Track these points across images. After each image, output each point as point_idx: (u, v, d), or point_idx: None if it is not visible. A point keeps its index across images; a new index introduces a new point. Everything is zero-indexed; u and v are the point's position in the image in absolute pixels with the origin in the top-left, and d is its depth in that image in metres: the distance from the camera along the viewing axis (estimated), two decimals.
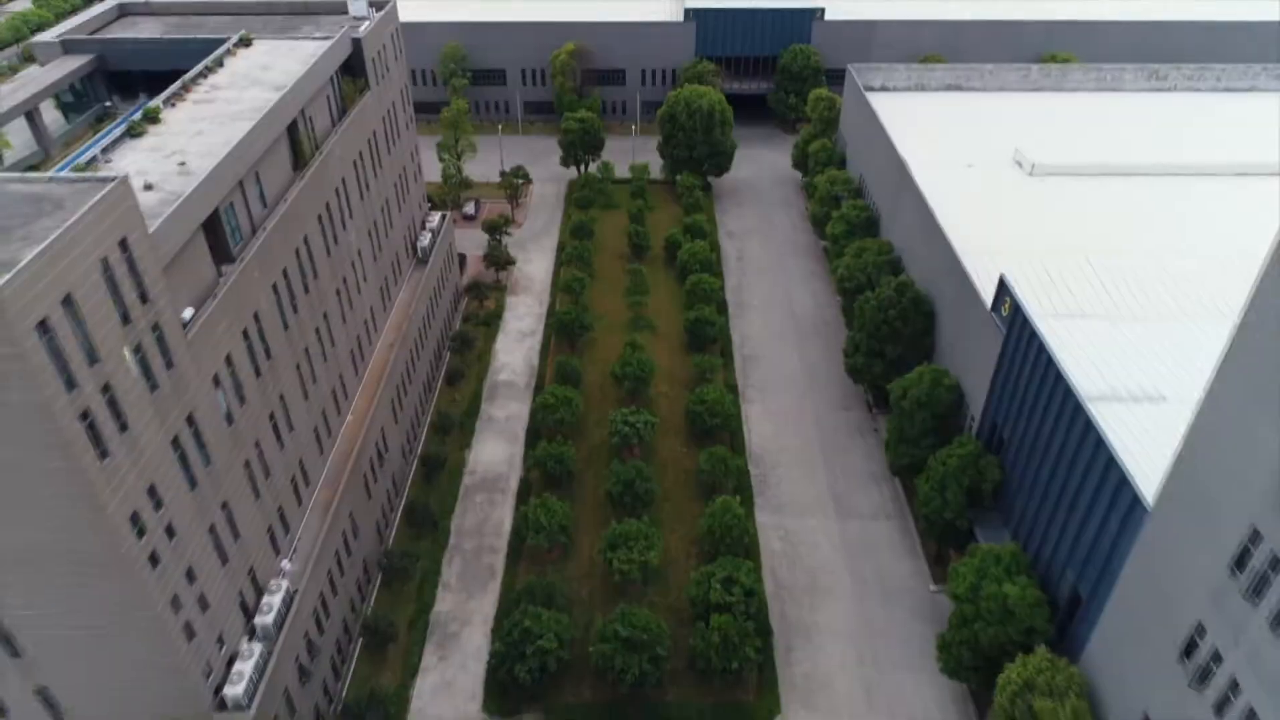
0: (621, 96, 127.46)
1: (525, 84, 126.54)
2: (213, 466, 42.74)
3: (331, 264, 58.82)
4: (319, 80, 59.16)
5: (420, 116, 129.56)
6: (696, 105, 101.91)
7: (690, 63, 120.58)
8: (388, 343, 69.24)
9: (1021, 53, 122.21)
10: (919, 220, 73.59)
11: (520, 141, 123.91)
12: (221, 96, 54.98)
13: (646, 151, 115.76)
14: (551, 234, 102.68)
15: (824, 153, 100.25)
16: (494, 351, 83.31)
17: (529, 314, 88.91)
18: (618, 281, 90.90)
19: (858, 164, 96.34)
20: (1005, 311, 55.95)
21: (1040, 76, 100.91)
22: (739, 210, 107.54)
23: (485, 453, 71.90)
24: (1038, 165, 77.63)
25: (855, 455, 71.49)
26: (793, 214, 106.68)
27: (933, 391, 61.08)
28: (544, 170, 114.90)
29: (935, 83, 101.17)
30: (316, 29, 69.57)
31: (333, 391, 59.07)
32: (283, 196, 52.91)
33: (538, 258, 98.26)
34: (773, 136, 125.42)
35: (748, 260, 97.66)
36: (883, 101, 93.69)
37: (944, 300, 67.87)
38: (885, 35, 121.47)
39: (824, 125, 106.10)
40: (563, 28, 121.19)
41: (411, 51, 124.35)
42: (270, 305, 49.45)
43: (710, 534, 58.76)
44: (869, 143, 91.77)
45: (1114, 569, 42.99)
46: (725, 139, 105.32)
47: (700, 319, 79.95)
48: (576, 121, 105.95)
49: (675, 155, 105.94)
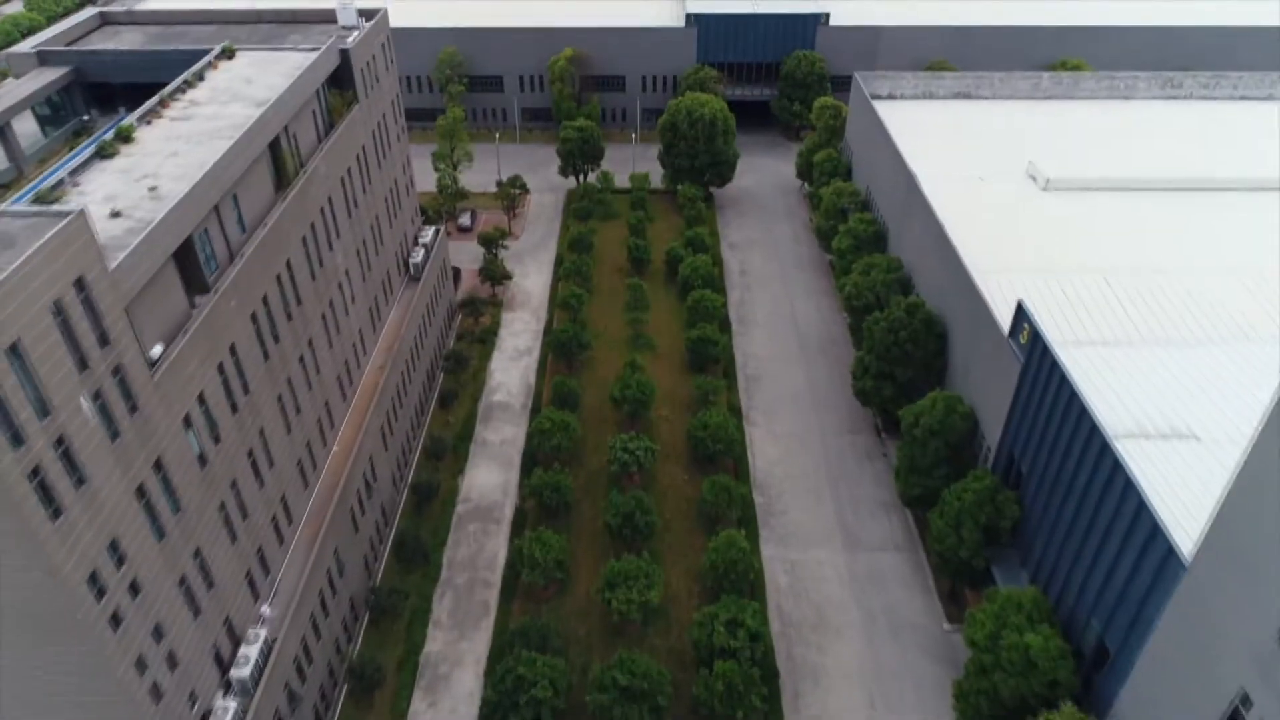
0: (621, 103, 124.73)
1: (523, 90, 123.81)
2: (183, 513, 40.05)
3: (317, 288, 56.12)
4: (304, 94, 56.47)
5: (415, 124, 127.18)
6: (698, 114, 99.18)
7: (692, 69, 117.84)
8: (377, 365, 66.55)
9: (1031, 58, 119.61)
10: (929, 236, 70.88)
11: (518, 150, 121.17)
12: (200, 113, 52.29)
13: (647, 160, 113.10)
14: (549, 246, 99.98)
15: (829, 163, 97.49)
16: (489, 371, 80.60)
17: (525, 330, 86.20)
18: (617, 296, 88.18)
19: (864, 174, 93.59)
20: (1024, 339, 53.21)
21: (1051, 84, 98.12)
22: (741, 221, 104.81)
23: (479, 479, 69.19)
24: (1052, 180, 74.86)
25: (864, 482, 68.77)
26: (796, 225, 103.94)
27: (946, 420, 58.37)
28: (542, 179, 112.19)
29: (944, 91, 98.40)
30: (303, 39, 66.92)
31: (318, 421, 56.38)
32: (264, 220, 50.20)
33: (535, 271, 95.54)
34: (776, 144, 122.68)
35: (751, 273, 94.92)
36: (890, 110, 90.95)
37: (957, 321, 65.15)
38: (891, 41, 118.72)
39: (829, 134, 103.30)
40: (561, 33, 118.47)
41: (407, 57, 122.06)
42: (249, 336, 46.75)
43: (713, 570, 56.08)
44: (876, 153, 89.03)
45: (1146, 622, 40.28)
46: (727, 148, 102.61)
47: (702, 338, 77.23)
48: (575, 130, 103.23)
49: (676, 165, 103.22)
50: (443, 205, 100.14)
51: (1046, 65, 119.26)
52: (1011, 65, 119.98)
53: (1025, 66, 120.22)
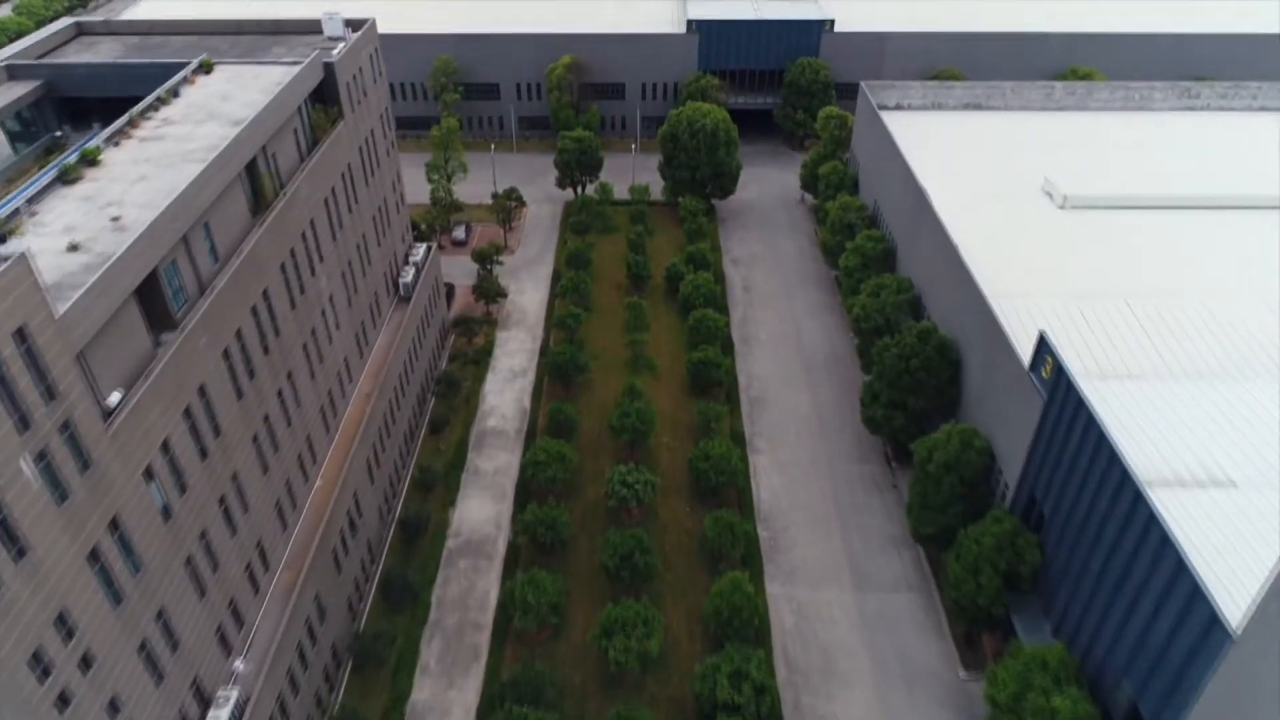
0: (621, 111, 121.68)
1: (520, 98, 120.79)
2: (144, 573, 37.02)
3: (297, 317, 53.09)
4: (285, 112, 53.46)
5: (410, 132, 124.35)
6: (699, 125, 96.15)
7: (693, 76, 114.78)
8: (364, 393, 63.52)
9: (1041, 66, 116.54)
10: (941, 257, 67.83)
11: (515, 159, 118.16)
12: (173, 133, 49.28)
13: (647, 170, 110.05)
14: (546, 261, 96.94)
15: (835, 175, 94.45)
16: (482, 394, 77.55)
17: (521, 350, 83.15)
18: (616, 315, 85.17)
19: (871, 188, 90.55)
20: (1046, 373, 50.16)
21: (1065, 95, 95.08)
22: (744, 234, 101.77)
23: (471, 512, 66.15)
24: (1069, 197, 71.81)
25: (874, 515, 65.73)
26: (801, 239, 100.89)
27: (962, 455, 55.34)
28: (539, 190, 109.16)
29: (953, 101, 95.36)
30: (287, 51, 63.97)
31: (299, 458, 53.35)
32: (239, 248, 47.17)
33: (531, 287, 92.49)
34: (779, 153, 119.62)
35: (754, 290, 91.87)
36: (898, 121, 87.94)
37: (972, 348, 62.09)
38: (897, 48, 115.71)
39: (834, 145, 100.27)
40: (559, 39, 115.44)
41: (400, 64, 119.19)
42: (221, 375, 43.72)
43: (716, 615, 53.05)
44: (884, 166, 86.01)
45: (1186, 692, 37.25)
46: (730, 160, 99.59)
47: (704, 361, 74.21)
48: (573, 141, 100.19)
49: (677, 177, 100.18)
50: (436, 219, 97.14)
51: (1057, 73, 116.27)
52: (1021, 72, 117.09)
53: (1035, 74, 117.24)
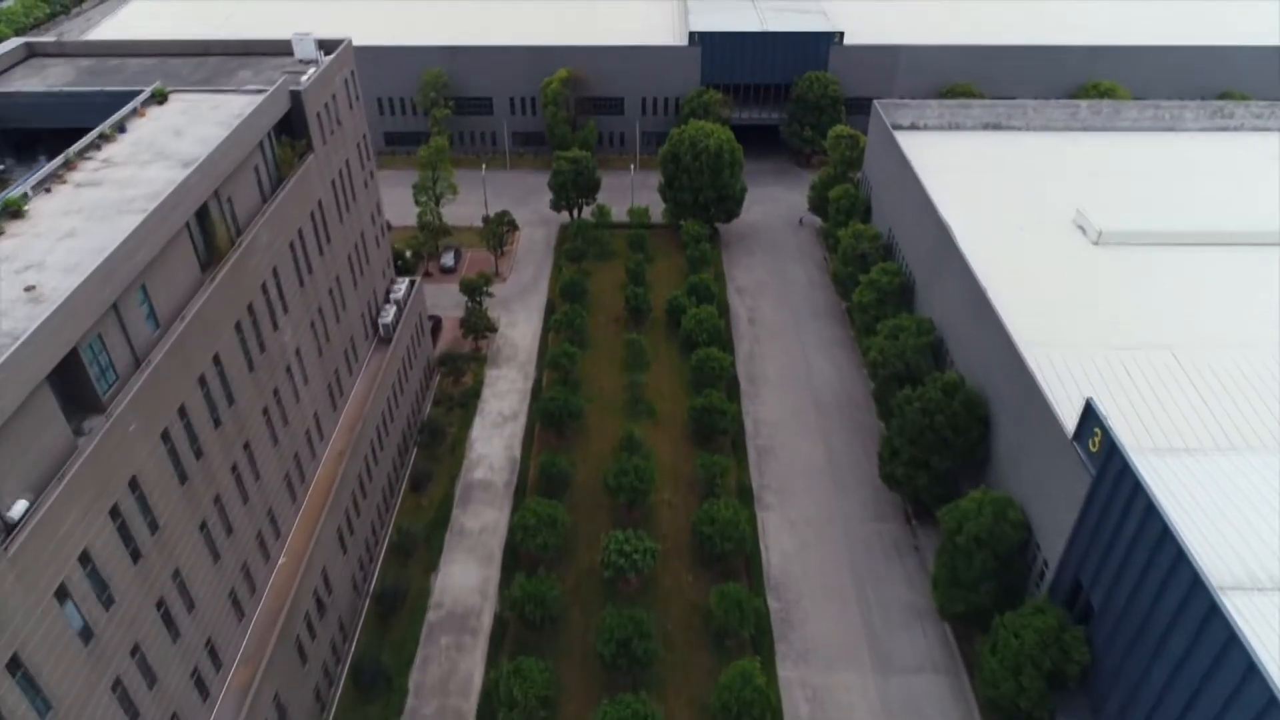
0: (620, 127, 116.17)
1: (514, 113, 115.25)
2: (56, 712, 31.56)
3: (256, 380, 47.61)
4: (243, 149, 48.00)
5: (399, 149, 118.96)
6: (702, 145, 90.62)
7: (695, 91, 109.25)
8: (337, 451, 58.02)
9: (1061, 80, 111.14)
10: (967, 299, 62.35)
11: (508, 177, 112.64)
12: (113, 176, 43.88)
13: (647, 189, 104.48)
14: (540, 289, 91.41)
15: (846, 200, 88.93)
16: (469, 441, 72.02)
17: (511, 390, 77.65)
18: (614, 351, 79.72)
19: (886, 215, 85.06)
20: (1094, 447, 44.67)
21: (1090, 114, 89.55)
22: (749, 261, 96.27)
23: (454, 578, 60.67)
24: (1105, 233, 66.31)
25: (894, 582, 60.25)
26: (809, 265, 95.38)
27: (995, 528, 49.89)
28: (533, 211, 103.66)
29: (972, 121, 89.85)
30: (253, 76, 58.59)
31: (258, 536, 47.88)
32: (184, 310, 41.69)
33: (524, 319, 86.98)
34: (785, 171, 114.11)
35: (761, 323, 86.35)
36: (913, 142, 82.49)
37: (1003, 405, 56.59)
38: (910, 61, 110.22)
39: (845, 165, 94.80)
40: (555, 52, 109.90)
41: (388, 78, 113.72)
42: (159, 461, 38.23)
43: (725, 710, 47.59)
44: (899, 192, 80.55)
45: None
46: (735, 182, 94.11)
47: (709, 407, 68.70)
48: (568, 161, 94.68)
49: (678, 200, 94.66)
50: (423, 244, 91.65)
51: (1077, 87, 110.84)
52: (1039, 87, 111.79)
53: (1054, 88, 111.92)
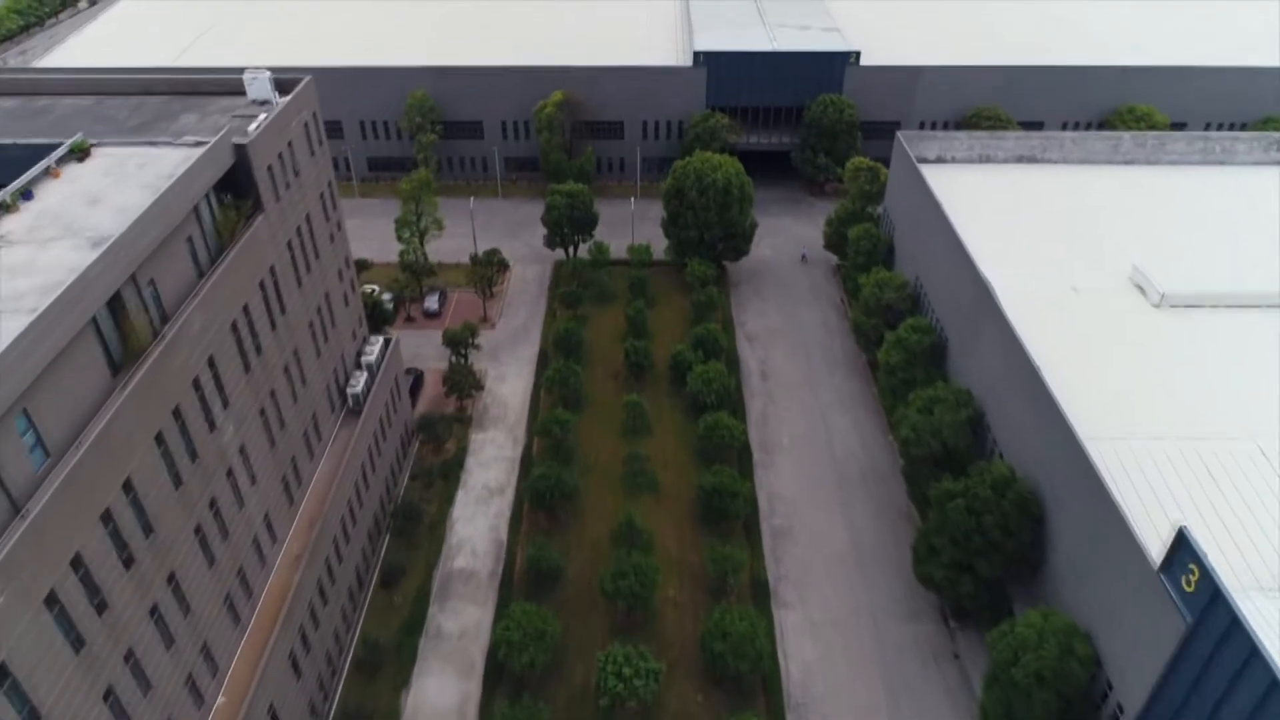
0: (619, 153, 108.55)
1: (506, 138, 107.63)
2: None
3: (185, 497, 40.01)
4: (172, 218, 40.52)
5: (383, 175, 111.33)
6: (709, 180, 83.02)
7: (700, 116, 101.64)
8: (292, 555, 50.39)
9: (1093, 102, 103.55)
10: (1014, 373, 54.76)
11: (499, 207, 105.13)
12: (5, 261, 36.34)
13: (649, 221, 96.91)
14: (532, 337, 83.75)
15: (867, 240, 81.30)
16: (450, 521, 64.41)
17: (499, 458, 70.02)
18: (612, 413, 72.16)
19: (912, 259, 77.46)
20: (1189, 587, 37.05)
21: (1134, 147, 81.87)
22: (760, 303, 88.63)
23: (429, 695, 53.03)
24: (1167, 295, 58.66)
25: (931, 698, 52.66)
26: (825, 307, 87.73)
27: (1061, 665, 42.30)
28: (526, 245, 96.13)
29: (1004, 153, 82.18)
30: (199, 120, 51.12)
31: (188, 680, 40.26)
32: (84, 431, 34.08)
33: (514, 372, 79.35)
34: (797, 201, 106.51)
35: (774, 376, 78.72)
36: (941, 178, 74.92)
37: (1060, 502, 49.01)
38: (931, 83, 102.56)
39: (864, 200, 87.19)
40: (550, 73, 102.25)
41: (371, 100, 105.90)
42: (39, 633, 30.64)
43: None
44: (928, 235, 73.01)
45: None
46: (744, 219, 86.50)
47: (719, 488, 61.09)
48: (563, 196, 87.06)
49: (682, 237, 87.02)
50: (405, 287, 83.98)
51: (1110, 110, 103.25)
52: (1070, 110, 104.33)
53: (1085, 111, 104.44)
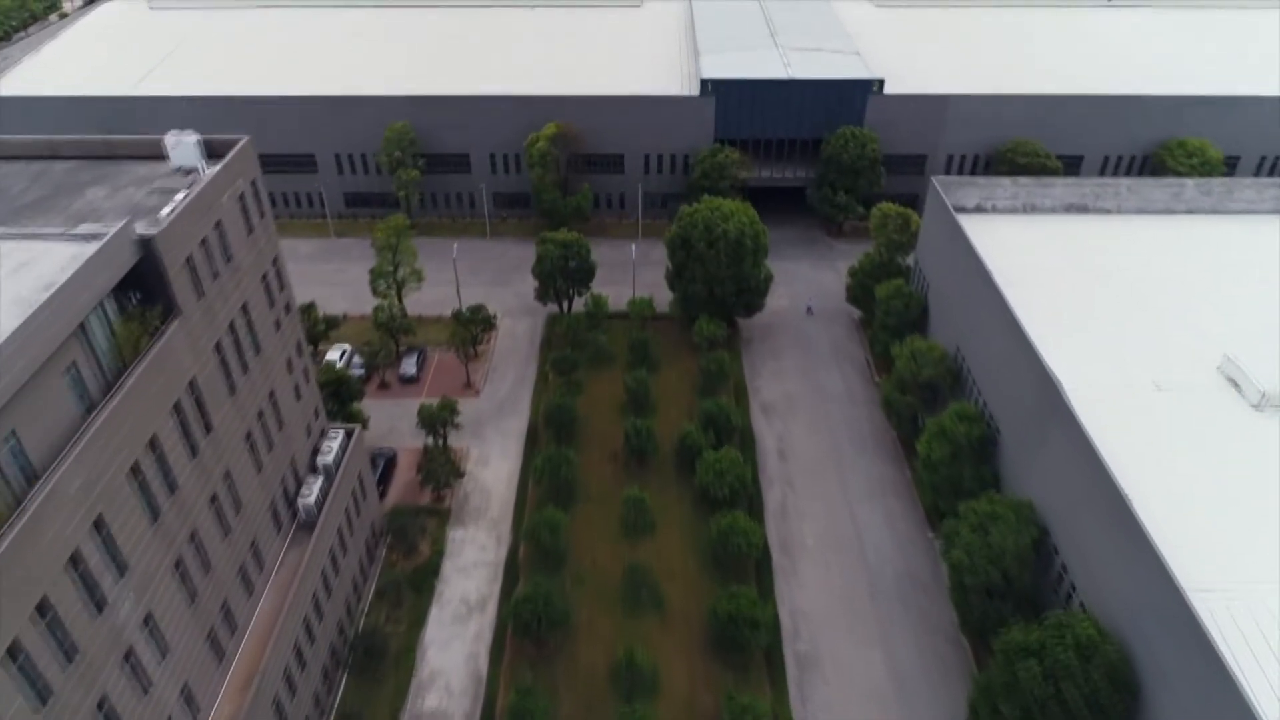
0: (619, 188, 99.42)
1: (495, 172, 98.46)
2: None
3: (63, 704, 30.83)
4: (42, 348, 31.38)
5: (360, 212, 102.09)
6: (719, 231, 73.88)
7: (708, 151, 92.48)
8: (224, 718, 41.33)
9: (1139, 135, 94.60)
10: (1094, 499, 45.69)
11: (487, 249, 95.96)
12: None
13: (651, 265, 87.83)
14: (520, 407, 74.53)
15: (899, 300, 72.20)
16: (421, 647, 55.16)
17: (480, 563, 60.86)
18: (610, 505, 63.09)
19: (949, 324, 68.40)
20: None
21: (1199, 195, 72.75)
22: (776, 364, 79.45)
23: None
24: (1270, 395, 49.47)
25: None
26: (848, 370, 78.53)
27: None
28: (515, 294, 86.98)
29: (1052, 202, 73.07)
30: (107, 197, 42.03)
31: None
32: None
33: (498, 451, 70.17)
34: (813, 242, 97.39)
35: (794, 456, 69.56)
36: (982, 231, 66.11)
37: (1159, 669, 39.91)
38: (962, 113, 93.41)
39: (891, 250, 78.14)
40: (543, 103, 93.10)
41: (347, 131, 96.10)
42: None
43: None
44: (970, 300, 64.01)
45: None
46: (757, 271, 77.34)
47: (736, 614, 51.90)
48: (556, 245, 77.94)
49: (689, 293, 77.84)
50: (380, 350, 74.73)
51: (1158, 144, 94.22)
52: (1113, 144, 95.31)
53: (1130, 145, 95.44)
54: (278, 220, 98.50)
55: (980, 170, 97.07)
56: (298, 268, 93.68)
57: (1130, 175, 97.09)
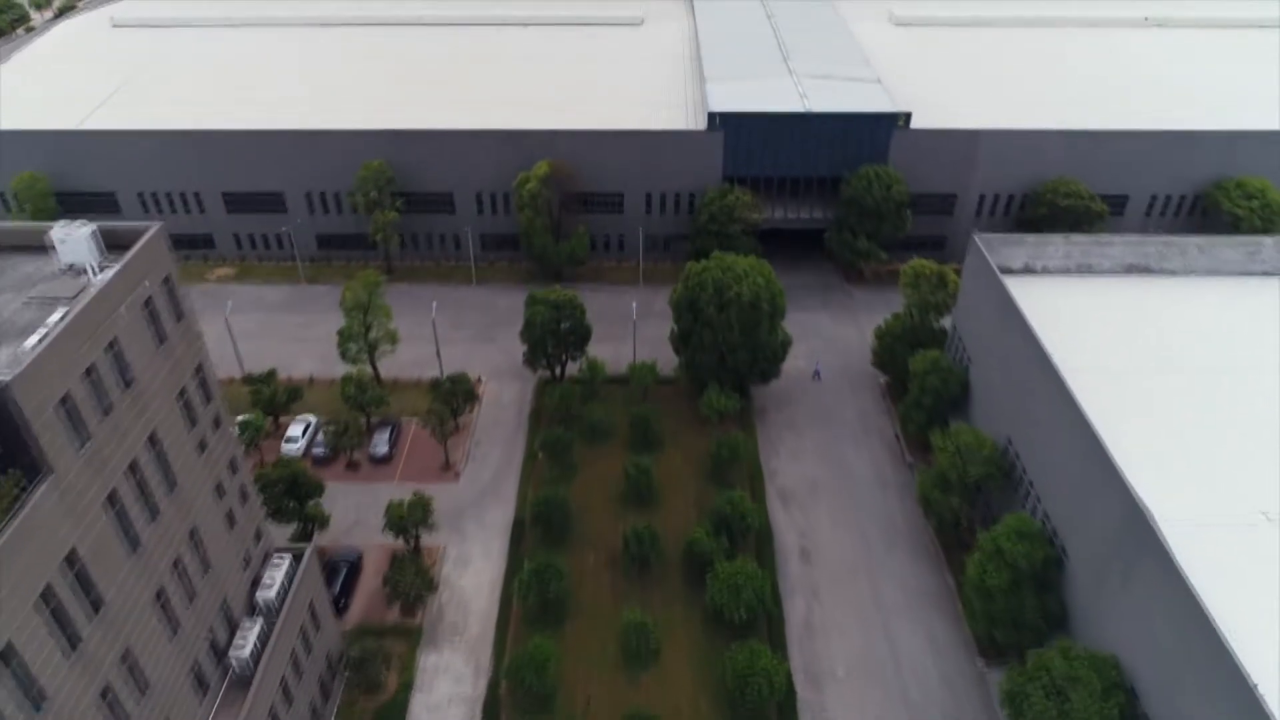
0: (618, 229, 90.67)
1: (482, 212, 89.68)
2: None
3: None
4: None
5: (335, 255, 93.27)
6: (732, 294, 65.10)
7: (715, 192, 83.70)
8: None
9: (1190, 174, 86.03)
10: (1202, 666, 37.01)
11: (473, 298, 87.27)
12: None
13: (654, 318, 79.40)
14: (505, 494, 65.66)
15: (935, 377, 63.42)
16: None
17: (455, 700, 51.89)
18: (606, 625, 54.38)
19: (997, 408, 59.70)
20: None
21: (1277, 253, 64.09)
22: (794, 439, 70.67)
23: None
24: None
25: None
26: (877, 448, 69.74)
27: None
28: (503, 352, 78.28)
29: (1110, 262, 64.40)
30: None
31: None
32: None
33: (480, 549, 61.32)
34: (831, 289, 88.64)
35: (819, 557, 60.76)
36: (1032, 296, 57.90)
37: None
38: (995, 150, 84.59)
39: (924, 310, 69.44)
40: (534, 138, 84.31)
41: (318, 167, 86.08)
42: None
43: None
44: (1024, 384, 55.44)
45: None
46: (774, 337, 68.61)
47: None
48: (547, 307, 69.18)
49: (697, 361, 69.04)
50: (344, 433, 65.74)
51: (1212, 182, 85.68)
52: (1161, 182, 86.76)
53: (1180, 184, 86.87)
54: (242, 263, 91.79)
55: (1015, 210, 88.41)
56: (263, 319, 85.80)
57: (1180, 216, 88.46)
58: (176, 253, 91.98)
